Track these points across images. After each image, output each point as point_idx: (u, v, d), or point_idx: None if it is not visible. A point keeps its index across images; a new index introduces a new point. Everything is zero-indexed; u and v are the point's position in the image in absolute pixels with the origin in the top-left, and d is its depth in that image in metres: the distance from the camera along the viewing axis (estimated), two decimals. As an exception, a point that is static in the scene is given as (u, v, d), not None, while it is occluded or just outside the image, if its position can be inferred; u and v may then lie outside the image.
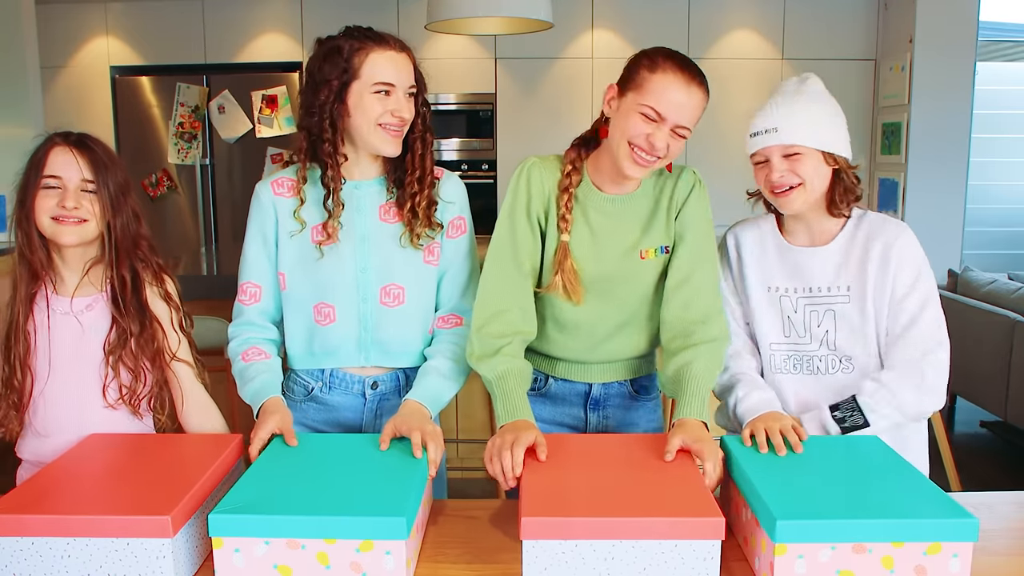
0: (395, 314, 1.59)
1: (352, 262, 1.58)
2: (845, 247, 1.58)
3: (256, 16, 5.25)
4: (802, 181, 1.51)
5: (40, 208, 1.46)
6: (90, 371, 1.50)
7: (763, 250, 1.63)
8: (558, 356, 1.65)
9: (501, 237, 1.58)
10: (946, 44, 4.80)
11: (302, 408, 1.62)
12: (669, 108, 1.45)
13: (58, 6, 5.17)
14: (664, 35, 5.23)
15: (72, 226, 1.46)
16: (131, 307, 1.51)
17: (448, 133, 5.30)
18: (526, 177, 1.58)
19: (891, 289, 1.54)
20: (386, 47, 1.53)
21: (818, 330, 1.57)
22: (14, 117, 4.31)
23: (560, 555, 1.11)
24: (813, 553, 1.11)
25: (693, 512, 1.13)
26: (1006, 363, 3.72)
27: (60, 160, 1.46)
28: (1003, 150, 6.15)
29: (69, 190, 1.46)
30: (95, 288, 1.52)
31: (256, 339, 1.60)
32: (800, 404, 1.58)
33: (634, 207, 1.59)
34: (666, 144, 1.47)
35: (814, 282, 1.58)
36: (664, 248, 1.60)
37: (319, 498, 1.17)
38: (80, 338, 1.50)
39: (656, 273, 1.60)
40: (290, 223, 1.57)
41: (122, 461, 1.35)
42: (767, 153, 1.54)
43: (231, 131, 5.17)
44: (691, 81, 1.46)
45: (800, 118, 1.52)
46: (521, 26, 3.57)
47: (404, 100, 1.54)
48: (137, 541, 1.11)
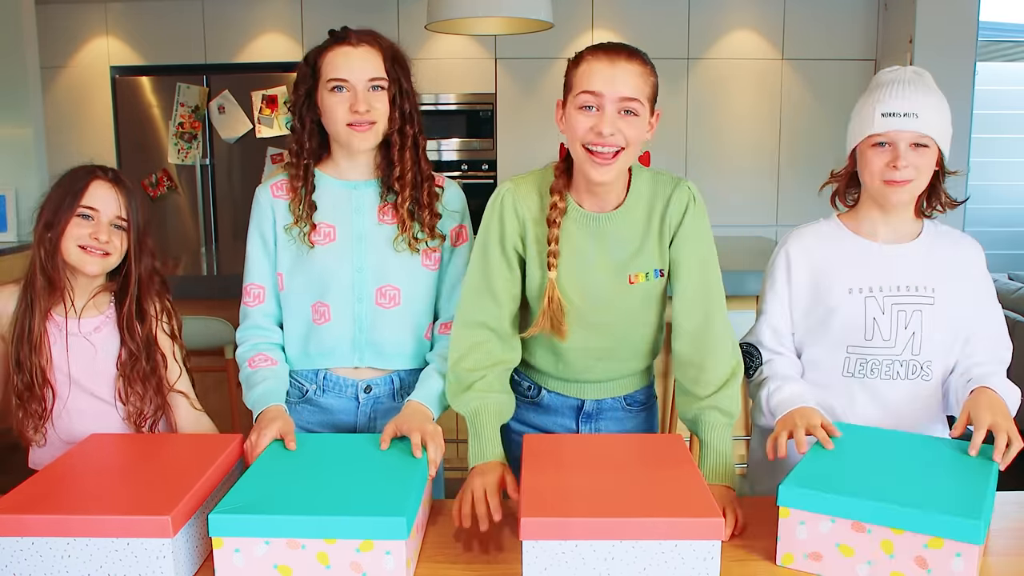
0: (390, 315, 1.59)
1: (348, 262, 1.58)
2: (929, 248, 1.54)
3: (256, 16, 5.25)
4: (918, 175, 1.47)
5: (70, 235, 1.52)
6: (105, 388, 1.57)
7: (842, 252, 1.55)
8: (550, 374, 1.61)
9: (473, 271, 1.52)
10: (946, 44, 4.80)
11: (297, 410, 1.63)
12: (597, 83, 1.36)
13: (58, 6, 5.17)
14: (664, 35, 5.24)
15: (98, 258, 1.52)
16: (139, 335, 1.57)
17: (448, 133, 5.30)
18: (499, 209, 1.49)
19: (972, 297, 1.53)
20: (342, 44, 1.53)
21: (904, 332, 1.51)
22: (14, 117, 4.31)
23: (560, 555, 1.11)
24: (814, 522, 1.19)
25: (693, 513, 1.13)
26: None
27: (100, 193, 1.53)
28: (1003, 150, 6.14)
29: (102, 224, 1.53)
30: (97, 310, 1.58)
31: (262, 344, 1.60)
32: (872, 411, 1.53)
33: (620, 226, 1.48)
34: (615, 127, 1.36)
35: (903, 280, 1.51)
36: (659, 272, 1.50)
37: (319, 498, 1.17)
38: (94, 357, 1.56)
39: (648, 297, 1.52)
40: (287, 223, 1.58)
41: (122, 461, 1.35)
42: (897, 138, 1.45)
43: (231, 131, 5.17)
44: (615, 56, 1.38)
45: (936, 110, 1.47)
46: (521, 26, 3.56)
47: (364, 94, 1.52)
48: (137, 541, 1.11)
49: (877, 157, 1.47)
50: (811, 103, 5.29)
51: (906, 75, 1.50)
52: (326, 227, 1.58)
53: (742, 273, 2.75)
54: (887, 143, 1.46)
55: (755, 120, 5.34)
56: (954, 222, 5.75)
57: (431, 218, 1.59)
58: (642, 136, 1.41)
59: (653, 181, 1.51)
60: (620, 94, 1.37)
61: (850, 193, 1.60)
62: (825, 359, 1.56)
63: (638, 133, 1.40)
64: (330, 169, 1.62)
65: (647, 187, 1.50)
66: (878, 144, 1.47)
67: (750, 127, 5.35)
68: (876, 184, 1.49)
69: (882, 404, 1.53)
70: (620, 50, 1.40)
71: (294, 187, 1.58)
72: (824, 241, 1.58)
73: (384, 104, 1.54)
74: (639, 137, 1.41)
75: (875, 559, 1.16)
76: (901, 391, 1.53)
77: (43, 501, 1.16)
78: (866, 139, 1.48)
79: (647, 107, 1.41)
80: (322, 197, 1.59)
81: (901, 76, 1.50)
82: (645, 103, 1.40)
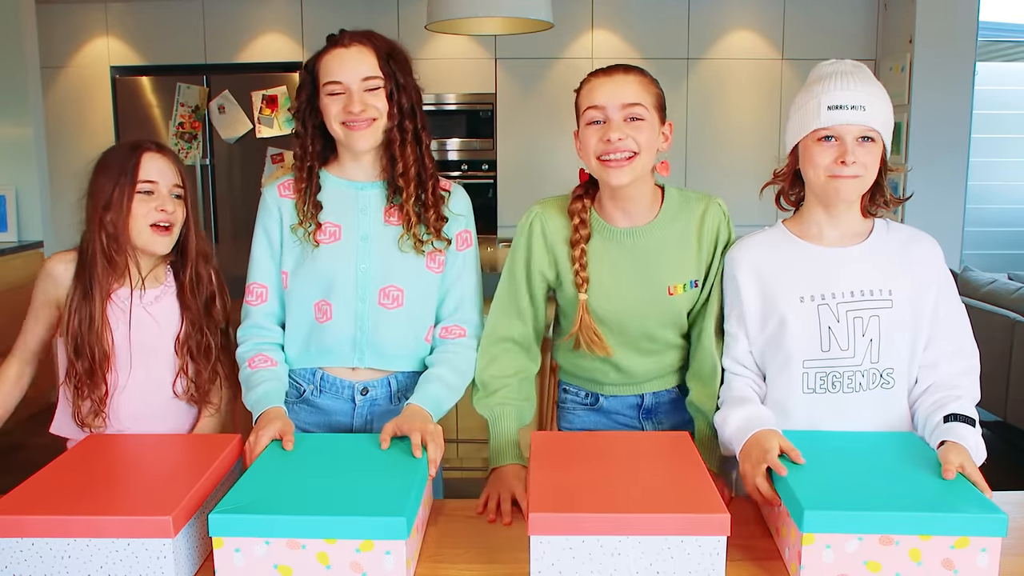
0: (392, 316, 1.59)
1: (352, 261, 1.58)
2: (881, 248, 1.46)
3: (256, 16, 5.25)
4: (865, 171, 1.40)
5: (136, 214, 1.50)
6: (161, 363, 1.58)
7: (788, 260, 1.48)
8: (604, 381, 1.65)
9: (502, 289, 1.62)
10: (946, 44, 4.80)
11: (294, 410, 1.62)
12: (599, 96, 1.45)
13: (58, 6, 5.17)
14: (664, 35, 5.24)
15: (167, 235, 1.53)
16: (198, 304, 1.58)
17: (448, 133, 5.30)
18: (527, 234, 1.58)
19: (932, 298, 1.44)
20: (335, 46, 1.55)
21: (862, 340, 1.42)
22: (14, 117, 4.31)
23: (567, 551, 1.12)
24: (840, 544, 1.13)
25: (699, 508, 1.13)
26: (1006, 363, 3.72)
27: (154, 165, 1.52)
28: (1003, 150, 6.14)
29: (164, 195, 1.53)
30: (157, 281, 1.58)
31: (263, 344, 1.60)
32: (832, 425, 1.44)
33: (654, 239, 1.53)
34: (623, 132, 1.43)
35: (856, 284, 1.43)
36: (694, 283, 1.55)
37: (319, 498, 1.17)
38: (154, 330, 1.56)
39: (687, 307, 1.57)
40: (293, 223, 1.59)
41: (122, 461, 1.35)
42: (844, 132, 1.38)
43: (231, 131, 5.17)
44: (612, 72, 1.47)
45: (882, 101, 1.40)
46: (521, 26, 3.57)
47: (359, 94, 1.52)
48: (138, 541, 1.11)
49: (823, 152, 1.40)
50: (811, 103, 5.28)
51: (847, 67, 1.43)
52: (332, 226, 1.58)
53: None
54: (833, 137, 1.39)
55: (755, 120, 5.34)
56: (954, 222, 5.73)
57: (437, 220, 1.59)
58: (654, 142, 1.47)
59: (683, 197, 1.57)
60: (622, 101, 1.43)
61: (793, 192, 1.52)
62: (783, 377, 1.47)
63: (648, 138, 1.45)
64: (336, 171, 1.62)
65: (677, 203, 1.56)
66: (824, 139, 1.40)
67: (750, 127, 5.35)
68: (822, 180, 1.41)
69: (850, 421, 1.43)
70: (617, 66, 1.49)
71: (299, 188, 1.59)
72: (770, 250, 1.50)
73: (382, 102, 1.54)
74: (650, 142, 1.46)
75: (903, 569, 1.13)
76: (867, 403, 1.43)
77: (43, 502, 1.16)
78: (810, 134, 1.41)
79: (654, 113, 1.46)
80: (328, 197, 1.59)
81: (843, 68, 1.43)
82: (650, 108, 1.45)
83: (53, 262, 1.56)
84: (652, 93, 1.47)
